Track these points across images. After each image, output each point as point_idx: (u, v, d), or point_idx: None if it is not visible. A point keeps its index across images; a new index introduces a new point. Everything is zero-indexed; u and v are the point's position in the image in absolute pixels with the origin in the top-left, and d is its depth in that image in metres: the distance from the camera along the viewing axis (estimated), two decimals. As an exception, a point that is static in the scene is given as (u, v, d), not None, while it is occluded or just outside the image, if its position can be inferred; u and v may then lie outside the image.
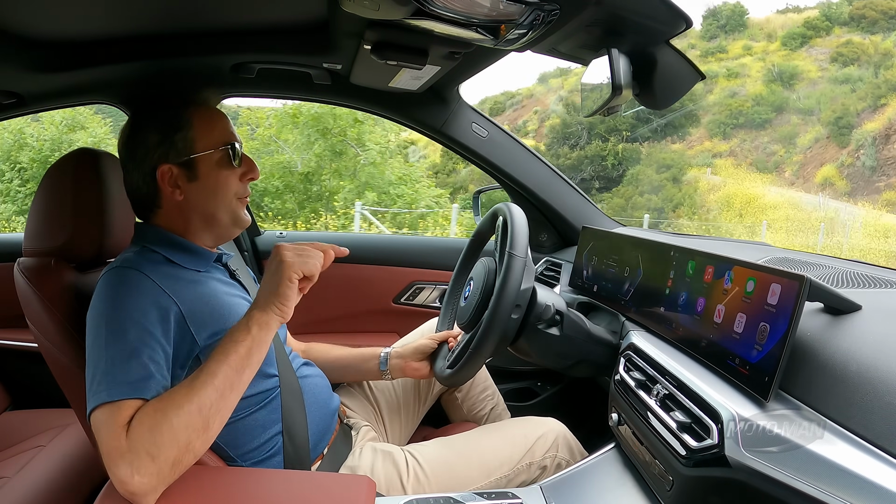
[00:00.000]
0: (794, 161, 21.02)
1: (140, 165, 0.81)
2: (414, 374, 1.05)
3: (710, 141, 23.31)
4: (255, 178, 0.88)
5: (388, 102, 1.35)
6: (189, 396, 0.64)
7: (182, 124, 0.81)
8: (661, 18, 0.76)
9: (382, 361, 1.06)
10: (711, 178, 20.04)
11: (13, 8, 0.84)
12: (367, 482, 0.68)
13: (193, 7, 0.92)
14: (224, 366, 0.67)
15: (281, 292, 0.71)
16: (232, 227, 0.86)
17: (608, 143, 21.41)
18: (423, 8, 0.70)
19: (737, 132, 23.40)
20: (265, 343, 0.71)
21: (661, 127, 22.85)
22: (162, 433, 0.60)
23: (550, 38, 0.83)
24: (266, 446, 0.82)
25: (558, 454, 0.93)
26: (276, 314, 0.71)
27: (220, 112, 0.87)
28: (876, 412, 0.48)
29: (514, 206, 0.91)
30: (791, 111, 23.12)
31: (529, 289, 0.86)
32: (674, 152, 21.95)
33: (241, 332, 0.69)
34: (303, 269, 0.72)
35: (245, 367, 0.68)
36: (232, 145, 0.84)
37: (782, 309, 0.57)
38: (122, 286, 0.72)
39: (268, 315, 0.71)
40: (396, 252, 1.61)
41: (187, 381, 0.66)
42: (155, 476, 0.59)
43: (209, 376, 0.66)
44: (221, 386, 0.66)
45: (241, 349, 0.68)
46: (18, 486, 1.03)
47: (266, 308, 0.71)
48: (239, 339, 0.69)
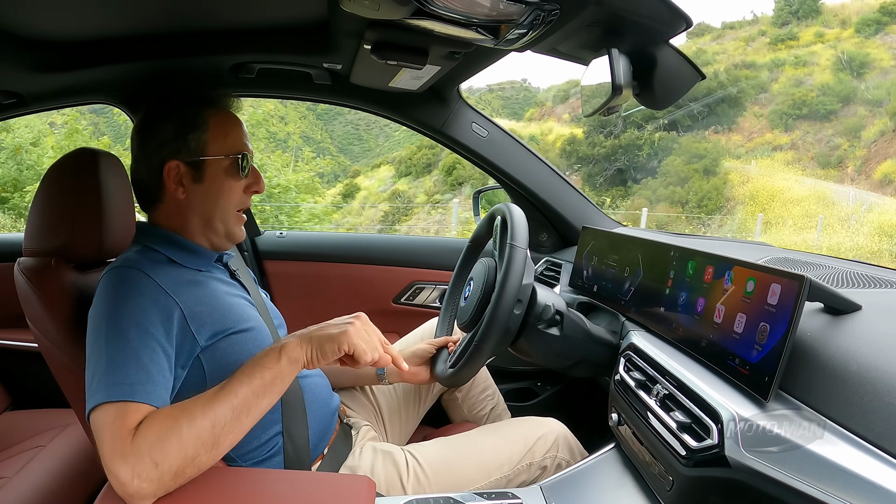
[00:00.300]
0: (857, 156, 18.85)
1: (149, 157, 0.82)
2: (412, 379, 1.05)
3: (771, 133, 21.11)
4: (259, 192, 0.88)
5: (388, 102, 1.35)
6: (205, 410, 0.63)
7: (198, 125, 0.82)
8: (661, 18, 0.77)
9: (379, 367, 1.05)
10: (747, 168, 18.29)
11: (13, 8, 0.84)
12: (366, 482, 0.68)
13: (193, 7, 0.92)
14: (246, 388, 0.65)
15: (325, 349, 0.69)
16: (224, 238, 0.87)
17: (644, 132, 19.74)
18: (423, 8, 0.70)
19: (799, 124, 21.11)
20: (289, 378, 0.69)
21: (704, 116, 20.88)
22: (170, 442, 0.60)
23: (550, 38, 0.83)
24: (266, 446, 0.82)
25: (558, 454, 0.93)
26: (307, 359, 0.69)
27: (237, 120, 0.87)
28: (876, 412, 0.48)
29: (512, 205, 0.91)
30: (858, 102, 20.68)
31: (530, 284, 0.86)
32: (710, 142, 19.79)
33: (272, 359, 0.68)
34: (355, 350, 0.70)
35: (266, 393, 0.67)
36: (243, 155, 0.84)
37: (782, 309, 0.57)
38: (124, 286, 0.72)
39: (301, 353, 0.69)
40: (396, 252, 1.61)
41: (206, 395, 0.65)
42: (155, 483, 0.59)
43: (229, 394, 0.64)
44: (239, 407, 0.64)
45: (267, 375, 0.67)
46: (18, 486, 1.03)
47: (303, 347, 0.69)
48: (267, 366, 0.67)
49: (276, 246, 1.62)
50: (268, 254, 1.60)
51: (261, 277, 1.58)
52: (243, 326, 0.80)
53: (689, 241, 1.10)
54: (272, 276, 1.60)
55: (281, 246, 1.62)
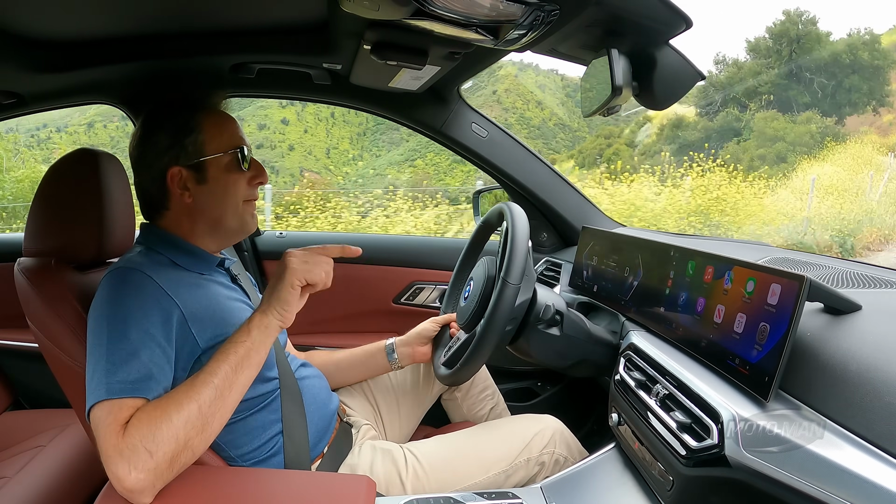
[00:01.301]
0: None
1: (150, 168, 0.82)
2: (423, 359, 1.08)
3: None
4: (263, 183, 0.88)
5: (387, 102, 1.35)
6: (189, 395, 0.65)
7: (192, 128, 0.82)
8: (661, 19, 0.77)
9: (389, 352, 1.08)
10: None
11: (13, 8, 0.84)
12: (366, 482, 0.68)
13: (193, 7, 0.92)
14: (224, 365, 0.68)
15: (283, 297, 0.72)
16: (238, 231, 0.88)
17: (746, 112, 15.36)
18: (423, 8, 0.70)
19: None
20: (264, 346, 0.72)
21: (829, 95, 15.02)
22: (161, 429, 0.61)
23: (550, 38, 0.83)
24: (266, 446, 0.82)
25: (556, 450, 0.94)
26: (277, 318, 0.72)
27: (229, 116, 0.88)
28: (876, 412, 0.48)
29: (514, 204, 0.90)
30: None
31: (527, 301, 0.86)
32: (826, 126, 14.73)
33: (242, 334, 0.71)
34: (307, 277, 0.73)
35: (244, 367, 0.69)
36: (241, 149, 0.85)
37: (782, 309, 0.57)
38: (125, 287, 0.72)
39: (268, 318, 0.72)
40: (396, 252, 1.61)
41: (188, 381, 0.67)
42: (152, 472, 0.60)
43: (209, 375, 0.67)
44: (220, 385, 0.67)
45: (241, 350, 0.70)
46: (18, 486, 1.03)
47: (267, 311, 0.72)
48: (238, 341, 0.71)
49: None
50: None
51: (261, 277, 1.58)
52: None
53: (689, 241, 1.10)
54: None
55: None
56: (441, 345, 1.07)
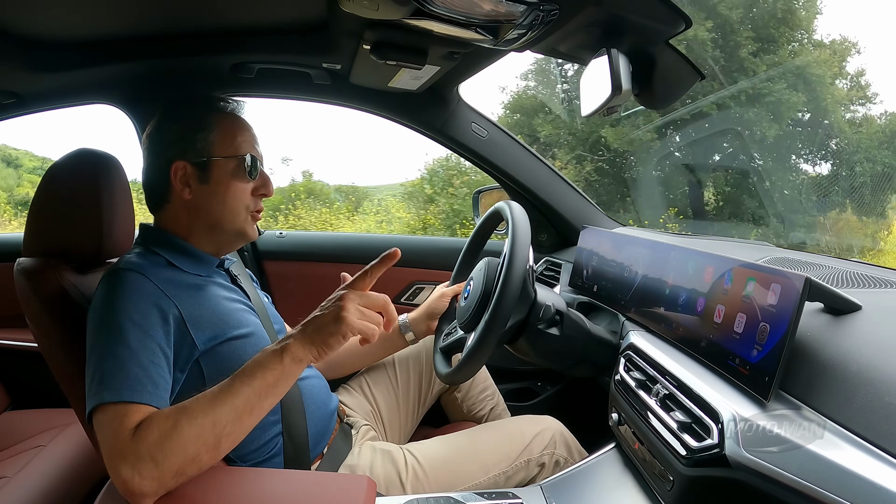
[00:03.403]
0: None
1: (158, 157, 0.83)
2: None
3: None
4: (267, 195, 0.87)
5: (387, 102, 1.35)
6: (206, 410, 0.62)
7: (205, 126, 0.82)
8: (660, 18, 0.76)
9: (404, 329, 1.08)
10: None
11: (13, 8, 0.84)
12: (366, 482, 0.68)
13: (193, 7, 0.92)
14: (248, 388, 0.64)
15: (329, 343, 0.68)
16: (235, 239, 0.87)
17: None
18: (423, 8, 0.70)
19: None
20: (293, 377, 0.68)
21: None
22: (171, 441, 0.60)
23: (550, 38, 0.83)
24: (266, 447, 0.82)
25: (556, 451, 0.94)
26: (313, 356, 0.68)
27: (245, 123, 0.87)
28: (876, 412, 0.48)
29: (514, 204, 0.90)
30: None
31: (528, 301, 0.86)
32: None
33: (274, 360, 0.66)
34: (360, 331, 0.69)
35: (269, 395, 0.66)
36: (252, 158, 0.84)
37: (782, 309, 0.57)
38: (124, 287, 0.72)
39: (304, 353, 0.68)
40: None
41: (207, 395, 0.64)
42: (156, 481, 0.59)
43: (231, 395, 0.64)
44: (241, 408, 0.64)
45: (269, 377, 0.66)
46: (18, 486, 1.03)
47: (306, 346, 0.68)
48: (269, 367, 0.66)
49: (275, 246, 1.62)
50: (267, 254, 1.60)
51: (260, 277, 1.58)
52: (242, 332, 0.81)
53: (689, 241, 1.10)
54: (272, 276, 1.60)
55: (281, 246, 1.62)
56: (445, 321, 1.06)
